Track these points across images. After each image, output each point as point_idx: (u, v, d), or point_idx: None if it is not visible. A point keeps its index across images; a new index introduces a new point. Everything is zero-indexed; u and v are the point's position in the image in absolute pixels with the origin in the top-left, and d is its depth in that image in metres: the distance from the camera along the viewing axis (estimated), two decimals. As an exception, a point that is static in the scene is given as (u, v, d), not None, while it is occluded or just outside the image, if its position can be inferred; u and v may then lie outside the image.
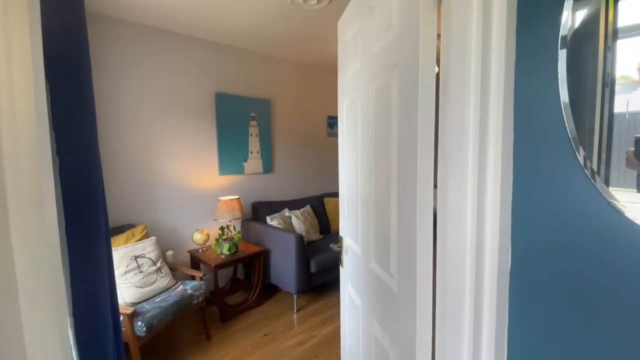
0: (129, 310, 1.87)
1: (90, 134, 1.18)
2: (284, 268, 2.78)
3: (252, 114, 3.36)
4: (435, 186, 0.85)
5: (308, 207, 3.54)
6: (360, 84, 1.25)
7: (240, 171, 3.31)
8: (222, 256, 2.68)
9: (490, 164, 0.71)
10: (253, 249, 2.88)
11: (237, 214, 2.86)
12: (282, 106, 3.67)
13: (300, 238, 2.69)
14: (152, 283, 2.22)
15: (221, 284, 3.15)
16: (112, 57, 2.51)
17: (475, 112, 0.71)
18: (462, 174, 0.74)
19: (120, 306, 1.95)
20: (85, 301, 1.07)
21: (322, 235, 3.50)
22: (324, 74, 4.09)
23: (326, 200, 3.86)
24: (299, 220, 3.25)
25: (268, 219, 3.11)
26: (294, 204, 3.55)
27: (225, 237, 2.76)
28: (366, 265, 1.26)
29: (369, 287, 1.24)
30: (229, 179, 3.25)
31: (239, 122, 3.26)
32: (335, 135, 4.31)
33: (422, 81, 0.82)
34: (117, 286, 2.10)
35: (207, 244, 2.97)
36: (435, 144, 0.84)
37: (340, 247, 1.59)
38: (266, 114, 3.48)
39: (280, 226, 3.04)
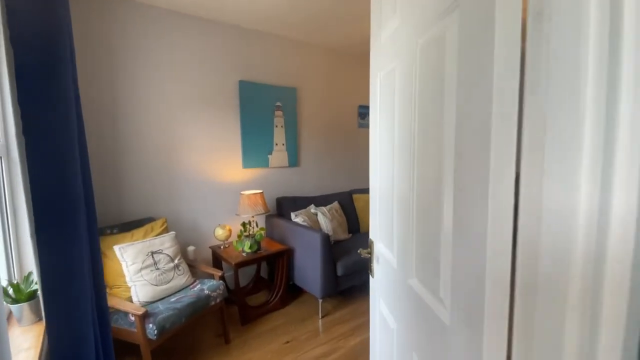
0: (140, 311, 1.75)
1: (67, 136, 1.03)
2: (309, 269, 2.56)
3: (278, 103, 3.16)
4: (517, 179, 0.57)
5: (336, 204, 3.29)
6: (399, 46, 0.97)
7: (265, 164, 3.13)
8: (244, 254, 2.51)
9: (621, 144, 0.42)
10: (276, 247, 2.69)
11: (260, 209, 2.68)
12: (310, 95, 3.44)
13: (326, 238, 2.46)
14: (169, 281, 2.10)
15: (244, 282, 3.01)
16: (130, 43, 2.40)
17: (598, 61, 0.42)
18: (572, 159, 0.46)
19: (132, 306, 1.83)
20: (59, 309, 0.92)
21: (350, 235, 3.24)
22: (354, 60, 3.80)
23: (355, 197, 3.59)
24: (325, 218, 3.01)
25: (292, 215, 2.91)
26: (320, 200, 3.32)
27: (247, 233, 2.60)
28: (403, 280, 1.00)
29: (407, 309, 0.97)
30: (252, 173, 3.08)
31: (263, 112, 3.07)
32: (367, 126, 4.01)
33: (500, 22, 0.54)
34: (132, 283, 1.99)
35: (230, 239, 2.83)
36: (518, 118, 0.56)
37: (371, 253, 1.33)
38: (292, 103, 3.26)
39: (305, 224, 2.83)
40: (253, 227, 2.67)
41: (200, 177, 2.78)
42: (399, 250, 1.04)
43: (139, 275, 2.01)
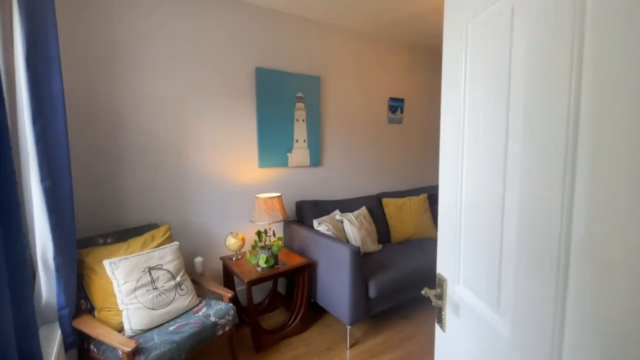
0: (130, 347, 1.39)
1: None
2: (335, 289, 2.16)
3: (299, 94, 2.77)
4: None
5: (364, 210, 2.87)
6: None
7: (283, 163, 2.75)
8: (259, 269, 2.13)
9: None
10: (296, 260, 2.30)
11: (278, 215, 2.30)
12: (335, 85, 3.03)
13: (356, 252, 2.04)
14: (168, 303, 1.74)
15: (258, 297, 2.64)
16: (129, 22, 2.06)
17: None
18: None
19: (119, 338, 1.48)
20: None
21: (381, 246, 2.81)
22: (385, 45, 3.36)
23: (385, 201, 3.15)
24: (352, 226, 2.60)
25: (315, 223, 2.51)
26: (346, 205, 2.91)
27: (262, 244, 2.22)
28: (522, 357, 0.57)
29: None
30: (270, 173, 2.70)
31: (283, 104, 2.68)
32: (398, 121, 3.57)
33: None
34: (125, 305, 1.65)
35: (243, 249, 2.47)
36: None
37: (442, 297, 0.91)
38: (315, 94, 2.86)
39: (330, 233, 2.42)
40: (270, 237, 2.29)
41: (211, 178, 2.42)
42: (509, 305, 0.61)
43: (132, 296, 1.66)
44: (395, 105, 3.52)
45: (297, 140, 2.80)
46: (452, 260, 0.87)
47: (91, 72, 1.97)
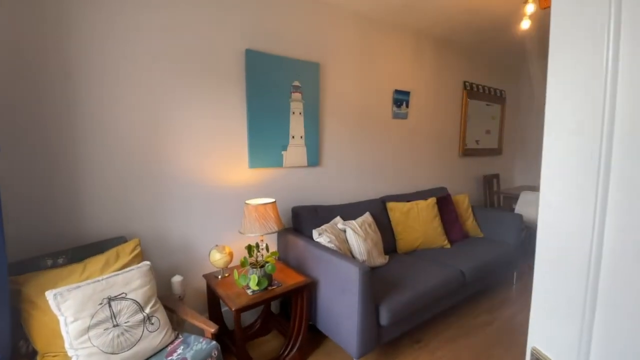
0: (73, 418, 1.02)
1: None
2: (339, 314, 1.82)
3: (295, 83, 2.40)
4: None
5: (368, 216, 2.53)
6: None
7: (278, 163, 2.38)
8: (249, 291, 1.78)
9: None
10: (293, 278, 1.95)
11: (272, 225, 1.94)
12: (335, 73, 2.67)
13: (367, 273, 1.71)
14: (133, 344, 1.37)
15: (248, 320, 2.28)
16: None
17: None
18: None
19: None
20: None
21: (387, 257, 2.48)
22: (391, 31, 3.01)
23: (390, 205, 2.82)
24: (357, 237, 2.26)
25: (315, 233, 2.15)
26: (348, 211, 2.57)
27: (253, 260, 1.86)
28: None
29: None
30: (262, 174, 2.33)
31: (277, 94, 2.31)
32: (403, 116, 3.23)
33: None
34: (74, 351, 1.27)
35: (231, 264, 2.10)
36: None
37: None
38: (314, 84, 2.50)
39: (332, 245, 2.08)
40: (262, 251, 1.93)
41: (192, 181, 2.04)
42: None
43: (84, 338, 1.28)
44: (401, 99, 3.18)
45: (293, 137, 2.44)
46: (568, 331, 0.53)
47: (38, 31, 1.55)
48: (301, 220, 2.31)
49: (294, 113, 2.41)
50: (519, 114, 5.01)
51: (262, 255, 1.90)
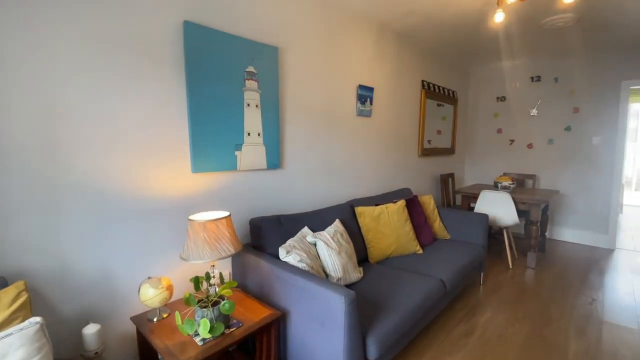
0: None
1: None
2: (317, 351, 1.45)
3: (250, 69, 1.98)
4: None
5: (339, 225, 2.21)
6: None
7: (231, 166, 1.93)
8: (198, 341, 1.32)
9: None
10: (257, 312, 1.53)
11: (227, 247, 1.49)
12: (297, 60, 2.30)
13: (353, 301, 1.36)
14: None
15: None
16: None
17: None
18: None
19: None
20: None
21: (361, 270, 2.17)
22: (354, 23, 2.74)
23: (359, 210, 2.53)
24: (330, 250, 1.91)
25: (282, 252, 1.75)
26: (316, 219, 2.21)
27: (202, 296, 1.40)
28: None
29: None
30: (210, 180, 1.86)
31: (227, 81, 1.87)
32: (367, 114, 2.99)
33: None
34: None
35: (171, 300, 1.61)
36: None
37: None
38: (272, 71, 2.10)
39: (303, 265, 1.70)
40: (214, 282, 1.47)
41: (111, 193, 1.50)
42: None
43: None
44: (365, 95, 2.93)
45: (248, 134, 2.01)
46: None
47: None
48: (262, 235, 1.89)
49: (248, 105, 1.99)
50: (467, 115, 5.15)
51: (215, 287, 1.45)
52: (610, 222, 4.04)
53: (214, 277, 1.52)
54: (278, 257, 1.78)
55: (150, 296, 1.42)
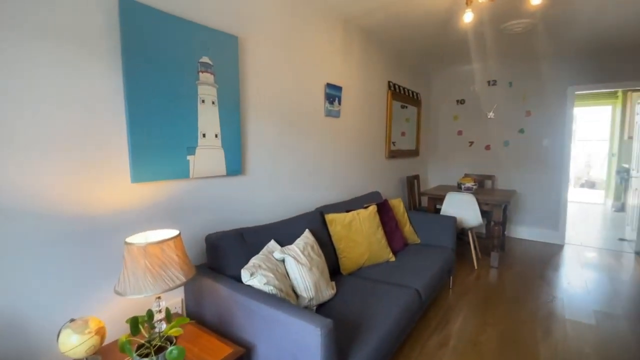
0: None
1: None
2: (291, 394, 1.23)
3: (204, 59, 1.70)
4: None
5: (309, 236, 2.00)
6: None
7: (182, 173, 1.64)
8: (137, 395, 1.03)
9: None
10: (215, 351, 1.27)
11: (176, 275, 1.21)
12: (260, 53, 2.06)
13: (330, 332, 1.17)
14: None
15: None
16: None
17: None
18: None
19: None
20: None
21: (334, 285, 1.99)
22: (322, 15, 2.55)
23: (329, 218, 2.35)
24: (300, 267, 1.70)
25: (245, 274, 1.50)
26: (283, 230, 1.98)
27: (144, 341, 1.12)
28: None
29: None
30: (155, 191, 1.56)
31: (177, 72, 1.57)
32: (335, 115, 2.82)
33: None
34: None
35: (105, 343, 1.29)
36: None
37: None
38: (231, 63, 1.84)
39: (271, 289, 1.47)
40: (160, 319, 1.19)
41: (17, 210, 1.15)
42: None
43: None
44: (333, 95, 2.75)
45: (204, 135, 1.73)
46: None
47: None
48: (222, 254, 1.62)
49: (203, 102, 1.71)
50: (429, 117, 5.21)
51: (161, 326, 1.17)
52: (560, 219, 4.28)
53: (159, 311, 1.23)
54: (240, 280, 1.52)
55: (74, 345, 1.10)
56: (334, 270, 2.27)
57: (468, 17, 2.08)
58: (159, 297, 1.23)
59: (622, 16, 2.80)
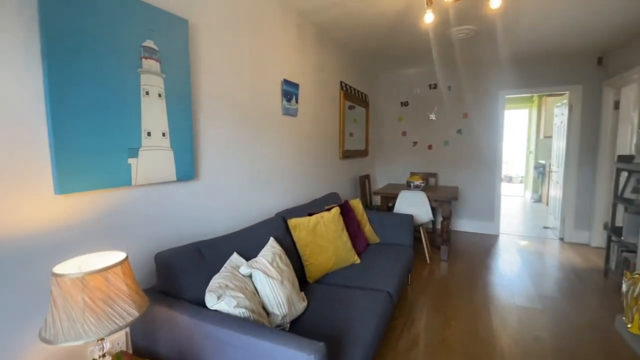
0: None
1: None
2: None
3: (148, 43, 1.43)
4: None
5: (274, 245, 1.82)
6: None
7: (122, 180, 1.34)
8: None
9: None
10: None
11: (125, 310, 0.95)
12: (214, 41, 1.82)
13: (324, 356, 1.02)
14: None
15: None
16: None
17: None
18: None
19: None
20: None
21: (304, 296, 1.84)
22: (279, 9, 2.39)
23: (293, 223, 2.20)
24: (272, 281, 1.52)
25: (211, 298, 1.27)
26: (245, 240, 1.78)
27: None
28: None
29: None
30: (88, 204, 1.24)
31: (113, 56, 1.28)
32: (293, 113, 2.67)
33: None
34: None
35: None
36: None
37: None
38: (180, 50, 1.58)
39: (243, 311, 1.27)
40: (105, 368, 0.93)
41: None
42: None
43: None
44: (291, 92, 2.60)
45: (149, 134, 1.45)
46: None
47: None
48: (177, 275, 1.37)
49: (147, 94, 1.43)
50: (376, 118, 5.34)
51: (108, 379, 0.91)
52: (495, 211, 4.70)
53: (102, 356, 0.96)
54: (204, 305, 1.30)
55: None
56: (301, 278, 2.13)
57: (429, 18, 2.11)
58: (103, 340, 0.96)
59: (551, 29, 3.14)
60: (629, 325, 2.02)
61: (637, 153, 2.69)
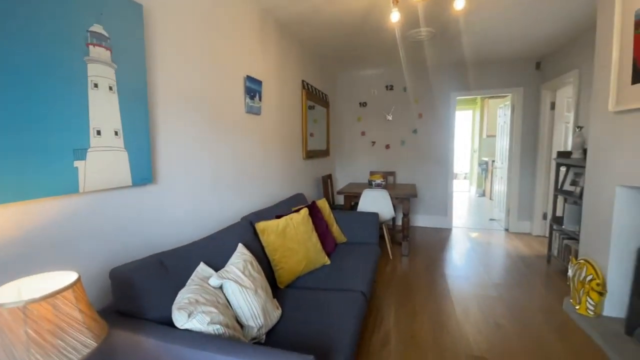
0: None
1: None
2: None
3: (96, 28, 1.24)
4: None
5: (244, 252, 1.71)
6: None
7: (67, 186, 1.15)
8: None
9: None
10: None
11: (82, 341, 0.80)
12: (173, 30, 1.65)
13: (314, 369, 0.96)
14: None
15: None
16: None
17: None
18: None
19: None
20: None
21: (277, 303, 1.75)
22: (240, 2, 2.26)
23: (261, 227, 2.10)
24: (245, 291, 1.42)
25: (181, 316, 1.14)
26: (212, 249, 1.64)
27: None
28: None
29: None
30: (24, 216, 1.04)
31: (53, 41, 1.08)
32: (256, 111, 2.55)
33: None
34: None
35: None
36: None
37: None
38: (135, 38, 1.40)
39: (217, 327, 1.15)
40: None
41: None
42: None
43: None
44: (254, 89, 2.48)
45: (98, 132, 1.26)
46: None
47: None
48: (137, 292, 1.20)
49: (96, 86, 1.24)
50: (336, 118, 5.38)
51: None
52: (448, 206, 4.99)
53: (51, 400, 0.80)
54: (172, 324, 1.16)
55: None
56: (273, 284, 2.03)
57: (395, 17, 2.13)
58: (50, 381, 0.80)
59: (499, 35, 3.39)
60: (577, 307, 2.24)
61: (574, 149, 3.00)
